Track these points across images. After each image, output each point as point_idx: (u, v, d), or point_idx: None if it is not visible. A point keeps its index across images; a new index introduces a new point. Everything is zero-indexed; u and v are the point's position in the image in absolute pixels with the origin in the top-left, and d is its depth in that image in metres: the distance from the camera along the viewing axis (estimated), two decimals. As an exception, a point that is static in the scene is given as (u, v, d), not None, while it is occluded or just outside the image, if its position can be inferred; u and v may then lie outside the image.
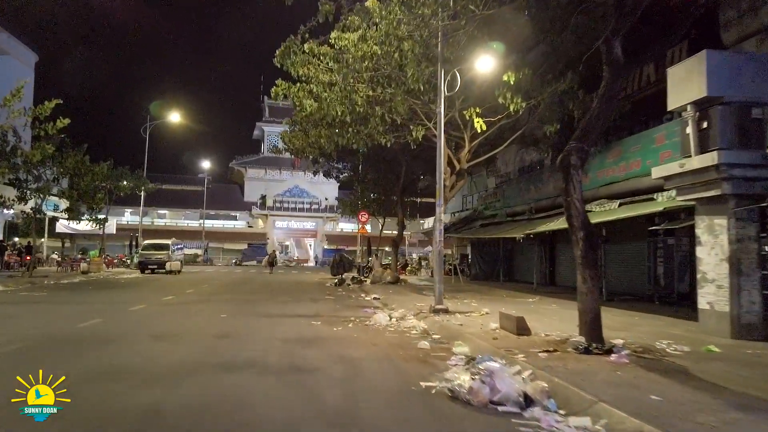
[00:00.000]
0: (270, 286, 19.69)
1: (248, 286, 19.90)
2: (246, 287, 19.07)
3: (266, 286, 19.56)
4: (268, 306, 12.52)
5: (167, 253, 28.91)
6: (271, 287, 19.25)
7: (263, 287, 19.18)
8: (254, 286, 19.51)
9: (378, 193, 26.96)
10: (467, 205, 30.69)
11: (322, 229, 66.29)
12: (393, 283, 21.13)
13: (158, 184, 69.02)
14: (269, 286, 19.64)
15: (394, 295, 15.54)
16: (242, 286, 19.52)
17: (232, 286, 19.77)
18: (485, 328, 8.44)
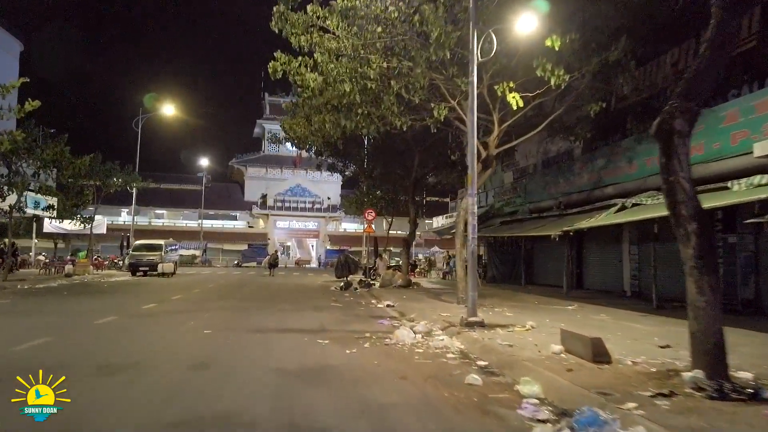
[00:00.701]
0: (268, 291, 17.72)
1: (244, 290, 17.93)
2: (242, 292, 17.09)
3: (264, 291, 17.59)
4: (265, 317, 10.54)
5: (160, 254, 26.95)
6: (270, 292, 17.28)
7: (261, 292, 17.21)
8: (251, 291, 17.53)
9: (386, 190, 24.98)
10: (481, 202, 28.68)
11: (324, 229, 64.32)
12: (405, 286, 19.15)
13: (154, 182, 67.80)
14: (268, 291, 17.67)
15: (410, 302, 13.54)
16: (237, 291, 17.54)
17: (227, 290, 17.80)
18: (545, 352, 6.44)
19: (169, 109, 30.27)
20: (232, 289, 18.56)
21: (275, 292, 17.43)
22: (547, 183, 18.53)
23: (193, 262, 49.62)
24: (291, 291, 18.09)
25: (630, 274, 16.42)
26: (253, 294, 16.29)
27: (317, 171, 67.14)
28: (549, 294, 17.00)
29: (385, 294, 16.28)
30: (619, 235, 16.64)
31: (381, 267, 21.13)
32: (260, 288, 19.08)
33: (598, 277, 18.58)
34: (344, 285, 19.24)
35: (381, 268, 21.08)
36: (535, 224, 17.85)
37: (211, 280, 23.57)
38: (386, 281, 19.59)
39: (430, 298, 14.92)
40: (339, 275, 26.72)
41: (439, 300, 14.19)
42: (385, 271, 20.38)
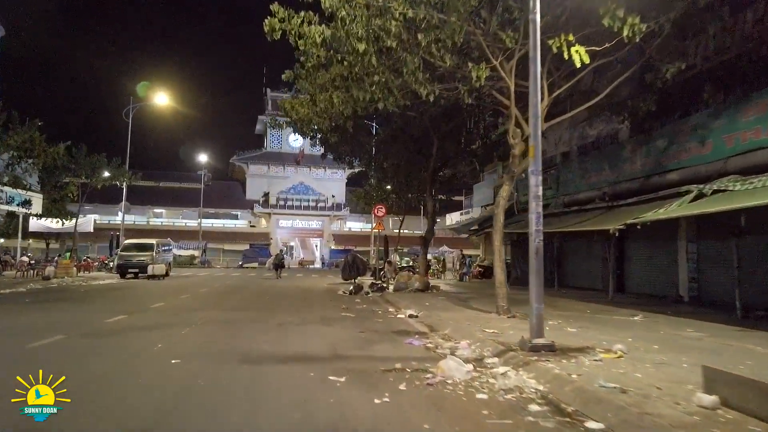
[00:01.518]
0: (268, 296, 15.44)
1: (239, 296, 15.63)
2: (235, 298, 14.80)
3: (263, 297, 15.30)
4: (258, 334, 8.23)
5: (151, 254, 24.73)
6: (269, 298, 14.99)
7: (259, 298, 14.92)
8: (247, 297, 15.23)
9: (398, 184, 22.67)
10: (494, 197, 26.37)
11: (328, 229, 62.03)
12: (422, 290, 16.83)
13: (153, 181, 66.10)
14: (267, 296, 15.38)
15: (437, 311, 11.21)
16: (231, 297, 15.25)
17: (220, 295, 15.53)
18: (687, 404, 4.11)
19: (162, 98, 28.05)
20: (227, 294, 16.28)
21: (275, 297, 15.13)
22: (586, 172, 16.18)
23: (191, 263, 47.44)
24: (293, 296, 15.79)
25: (687, 276, 14.06)
26: (249, 301, 14.00)
27: (321, 169, 65.74)
28: (589, 299, 14.69)
29: (403, 300, 13.97)
30: (674, 231, 14.27)
31: (388, 269, 18.79)
32: (259, 293, 16.79)
33: (644, 280, 16.23)
34: (354, 289, 16.93)
35: (388, 270, 18.75)
36: (574, 219, 15.51)
37: (205, 283, 21.31)
38: (401, 284, 17.27)
39: (458, 305, 12.59)
40: (346, 277, 24.45)
41: (470, 308, 11.86)
42: (400, 273, 18.03)
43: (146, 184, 63.56)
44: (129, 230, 55.41)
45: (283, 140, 65.04)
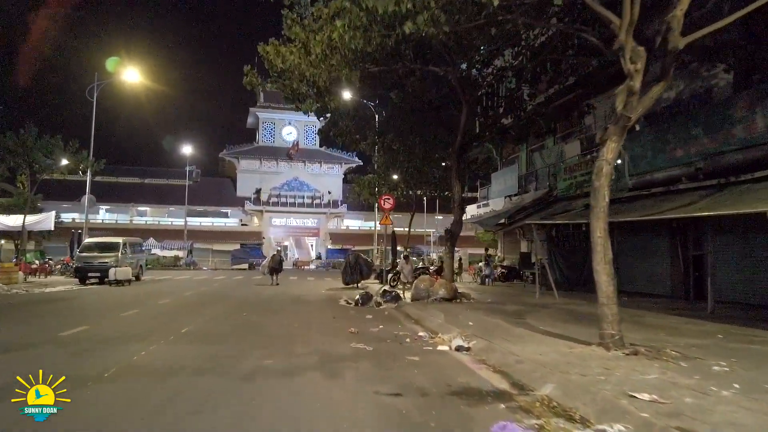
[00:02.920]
0: (246, 312, 11.51)
1: (209, 312, 11.62)
2: (202, 316, 10.79)
3: (238, 313, 11.32)
4: (197, 413, 4.33)
5: (116, 255, 20.77)
6: (247, 315, 11.04)
7: (232, 316, 10.95)
8: (218, 314, 11.15)
9: (411, 168, 18.82)
10: (527, 186, 22.61)
11: (325, 227, 58.15)
12: (448, 300, 12.99)
13: (138, 178, 62.03)
14: (244, 312, 11.43)
15: (497, 339, 7.29)
16: (197, 313, 11.25)
17: (181, 311, 11.54)
18: None
19: (132, 75, 24.04)
20: (194, 307, 12.33)
21: (257, 313, 11.22)
22: (665, 144, 12.35)
23: (175, 265, 43.45)
24: (283, 310, 11.87)
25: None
26: (218, 321, 10.02)
27: (317, 163, 61.70)
28: (668, 309, 10.98)
29: (430, 315, 10.13)
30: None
31: (407, 272, 14.93)
32: (238, 306, 12.85)
33: (739, 285, 12.47)
34: (361, 299, 13.06)
35: (407, 273, 14.90)
36: (653, 205, 11.68)
37: (176, 291, 17.38)
38: (420, 292, 13.41)
39: (517, 325, 8.72)
40: (348, 281, 20.59)
41: (541, 333, 7.97)
42: (420, 277, 14.15)
43: (130, 180, 59.68)
44: (109, 230, 51.57)
45: (276, 134, 61.16)
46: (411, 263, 14.46)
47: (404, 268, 14.66)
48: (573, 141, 18.55)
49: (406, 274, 14.54)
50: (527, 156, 23.65)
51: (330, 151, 61.34)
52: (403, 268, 14.67)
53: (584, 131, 18.10)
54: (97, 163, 22.64)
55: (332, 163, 61.29)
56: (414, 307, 12.03)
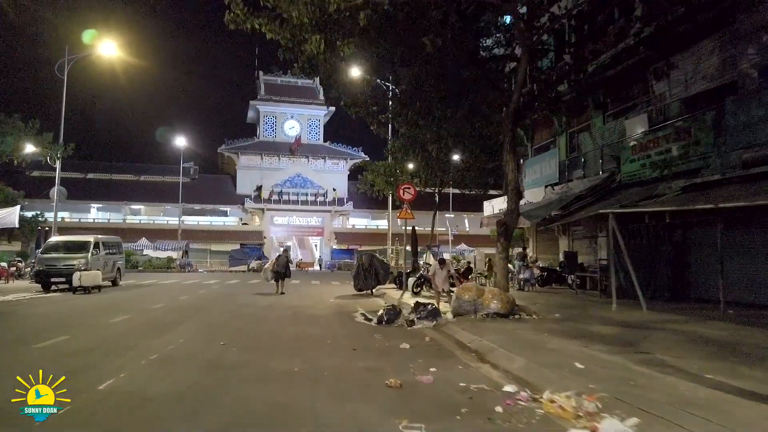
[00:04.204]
0: (224, 337, 8.06)
1: (175, 336, 8.08)
2: (161, 345, 7.35)
3: (214, 340, 7.75)
4: None
5: (85, 257, 17.44)
6: (223, 343, 7.58)
7: (204, 345, 7.43)
8: (185, 341, 7.54)
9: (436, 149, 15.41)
10: (570, 173, 19.18)
11: (329, 226, 54.75)
12: (504, 316, 9.56)
13: (133, 175, 58.78)
14: (220, 339, 7.98)
15: (673, 413, 3.89)
16: (157, 337, 7.79)
17: (136, 336, 8.05)
18: None
19: (108, 48, 20.73)
20: (155, 330, 8.80)
21: (241, 342, 7.76)
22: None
23: (169, 267, 40.13)
24: (279, 338, 8.33)
25: None
26: (175, 362, 6.26)
27: (320, 159, 58.10)
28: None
29: (496, 346, 6.71)
30: None
31: (441, 279, 11.43)
32: (217, 328, 9.33)
33: None
34: (386, 314, 9.61)
35: (441, 280, 11.40)
36: None
37: (148, 301, 13.99)
38: (465, 305, 9.96)
39: (672, 374, 5.26)
40: (361, 287, 17.20)
41: (740, 394, 4.54)
42: (464, 286, 10.64)
43: (125, 178, 56.47)
44: (101, 229, 48.30)
45: (277, 128, 57.86)
46: (449, 267, 11.03)
47: (438, 273, 11.21)
48: (638, 115, 15.08)
49: (441, 281, 11.08)
50: (567, 139, 20.22)
51: (334, 146, 58.10)
52: (437, 273, 11.22)
53: (654, 101, 14.62)
54: (66, 148, 19.25)
55: (337, 158, 57.99)
56: (462, 327, 8.61)
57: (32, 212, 41.83)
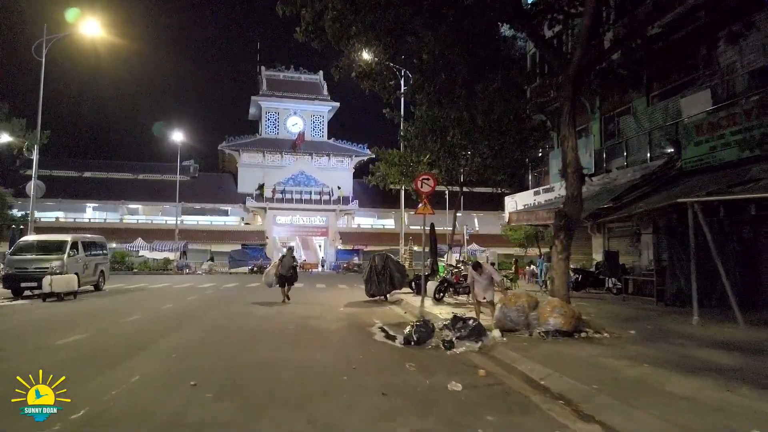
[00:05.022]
0: (199, 371, 5.92)
1: (137, 366, 5.99)
2: (112, 382, 5.26)
3: (185, 377, 5.60)
4: None
5: (60, 259, 15.35)
6: (194, 383, 5.42)
7: (170, 384, 5.36)
8: (145, 377, 5.46)
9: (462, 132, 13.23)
10: (607, 162, 17.03)
11: (334, 226, 52.57)
12: (568, 334, 7.37)
13: (131, 173, 56.82)
14: (197, 373, 5.81)
15: None
16: (114, 368, 5.69)
17: (82, 366, 5.95)
18: None
19: (91, 28, 18.68)
20: (113, 356, 6.54)
21: (222, 379, 5.60)
22: None
23: (166, 268, 38.07)
24: (275, 368, 6.17)
25: None
26: (111, 415, 4.24)
27: (324, 156, 55.83)
28: None
29: (598, 391, 4.55)
30: None
31: (481, 287, 9.09)
32: (197, 352, 7.07)
33: None
34: (416, 333, 7.40)
35: (482, 288, 9.08)
36: None
37: (123, 311, 11.84)
38: (514, 318, 7.78)
39: None
40: (374, 292, 15.02)
41: None
42: (514, 294, 8.40)
43: (122, 176, 54.48)
44: (96, 230, 46.31)
45: (280, 125, 55.73)
46: (489, 271, 8.79)
47: (477, 281, 8.95)
48: (697, 91, 12.86)
49: (482, 289, 8.87)
50: (601, 125, 18.04)
51: (339, 143, 56.01)
52: (476, 281, 8.97)
53: (720, 74, 12.39)
54: (40, 136, 17.14)
55: (341, 155, 55.86)
56: (521, 353, 6.44)
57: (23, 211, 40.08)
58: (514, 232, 33.88)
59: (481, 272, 8.85)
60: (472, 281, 8.94)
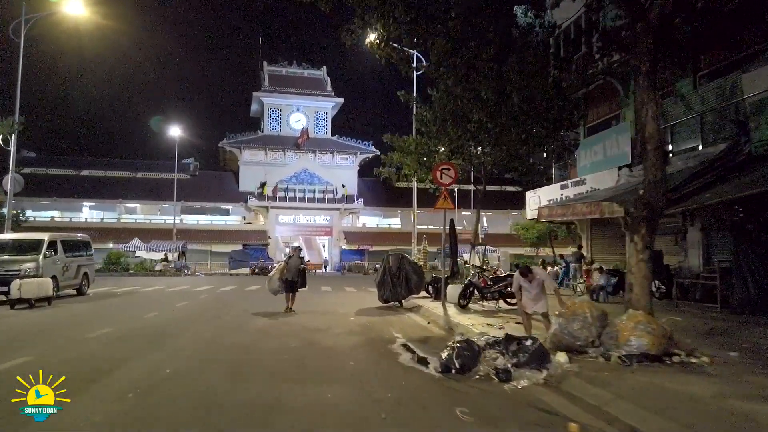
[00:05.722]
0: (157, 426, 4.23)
1: (82, 411, 4.38)
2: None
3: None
4: None
5: (35, 261, 13.65)
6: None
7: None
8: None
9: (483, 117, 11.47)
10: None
11: (338, 225, 50.82)
12: (656, 358, 5.58)
13: (129, 172, 55.28)
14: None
15: None
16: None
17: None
18: None
19: (74, 6, 17.00)
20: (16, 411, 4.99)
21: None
22: None
23: (163, 270, 36.37)
24: (271, 423, 4.48)
25: None
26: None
27: (328, 154, 54.07)
28: None
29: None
30: None
31: (530, 297, 7.09)
32: (154, 391, 5.34)
33: None
34: (458, 357, 5.60)
35: (531, 298, 7.11)
36: None
37: (95, 323, 10.07)
38: (577, 336, 5.97)
39: None
40: (388, 297, 13.22)
41: None
42: (578, 304, 6.57)
43: (120, 174, 52.89)
44: (93, 229, 44.66)
45: (282, 121, 54.03)
46: (542, 278, 6.93)
47: (525, 288, 7.02)
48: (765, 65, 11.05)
49: (532, 299, 7.04)
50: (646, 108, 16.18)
51: (343, 140, 54.33)
52: (523, 288, 7.06)
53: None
54: (13, 124, 15.45)
55: (346, 153, 54.15)
56: (611, 389, 4.66)
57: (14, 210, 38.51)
58: (525, 231, 32.09)
59: (531, 278, 7.06)
60: (518, 289, 7.14)
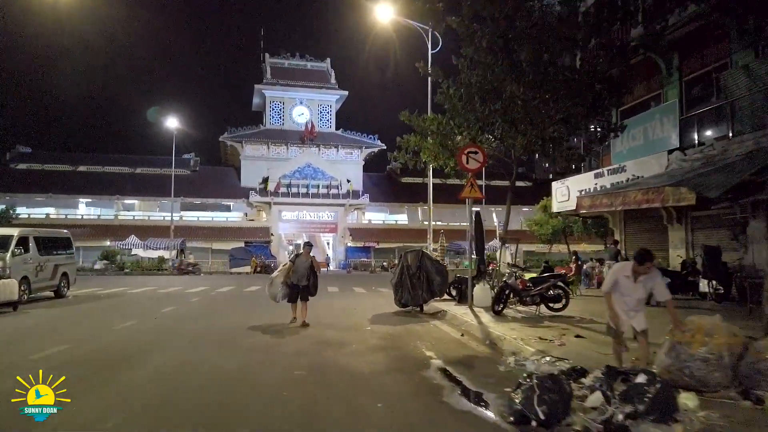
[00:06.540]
0: None
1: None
2: None
3: None
4: None
5: (2, 259, 11.91)
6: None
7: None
8: None
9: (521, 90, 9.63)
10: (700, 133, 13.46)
11: (343, 222, 49.00)
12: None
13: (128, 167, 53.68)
14: None
15: None
16: None
17: None
18: None
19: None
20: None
21: None
22: None
23: (161, 269, 34.69)
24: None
25: None
26: None
27: (333, 148, 51.93)
28: None
29: None
30: None
31: (631, 305, 4.75)
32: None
33: None
34: (540, 398, 3.80)
35: (631, 307, 4.84)
36: None
37: (46, 339, 8.32)
38: (694, 373, 4.13)
39: None
40: (407, 300, 11.36)
41: None
42: (700, 324, 4.66)
43: (118, 170, 51.22)
44: (89, 227, 43.10)
45: (285, 115, 52.30)
46: (654, 277, 4.92)
47: (622, 289, 4.89)
48: None
49: (632, 307, 4.99)
50: (682, 89, 14.40)
51: (348, 134, 52.59)
52: (621, 289, 4.93)
53: None
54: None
55: (350, 147, 52.39)
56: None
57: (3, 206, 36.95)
58: (539, 227, 30.22)
59: (642, 274, 4.97)
60: (609, 289, 5.11)
